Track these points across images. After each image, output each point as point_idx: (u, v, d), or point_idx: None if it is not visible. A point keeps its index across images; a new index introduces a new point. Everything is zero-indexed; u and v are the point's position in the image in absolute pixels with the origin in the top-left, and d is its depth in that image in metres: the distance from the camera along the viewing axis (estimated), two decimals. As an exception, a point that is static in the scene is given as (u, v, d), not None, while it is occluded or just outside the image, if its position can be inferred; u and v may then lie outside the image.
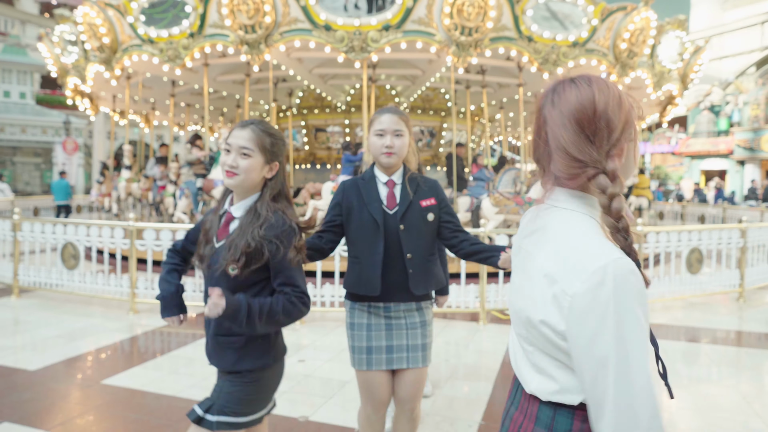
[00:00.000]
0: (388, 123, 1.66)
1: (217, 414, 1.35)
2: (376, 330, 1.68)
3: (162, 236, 4.44)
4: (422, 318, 1.71)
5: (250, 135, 1.35)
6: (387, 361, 1.66)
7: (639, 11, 6.47)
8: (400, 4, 5.56)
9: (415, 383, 1.68)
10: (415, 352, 1.67)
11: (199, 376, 3.05)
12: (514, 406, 0.89)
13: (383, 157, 1.67)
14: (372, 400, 1.68)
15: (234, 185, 1.36)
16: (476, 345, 3.73)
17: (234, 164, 1.34)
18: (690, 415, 2.59)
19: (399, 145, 1.66)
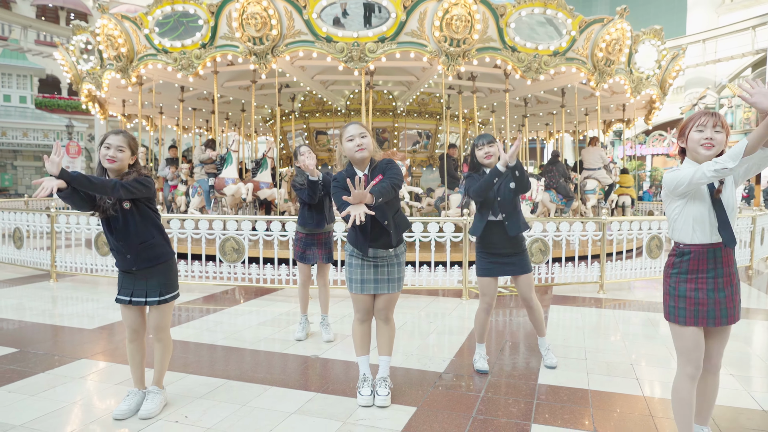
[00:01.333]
0: (354, 130, 2.38)
1: (166, 294, 2.30)
2: (366, 268, 2.47)
3: (186, 225, 5.04)
4: (398, 260, 2.52)
5: (122, 138, 2.21)
6: (374, 288, 2.47)
7: (615, 23, 7.07)
8: (395, 18, 6.16)
9: (389, 299, 2.51)
10: (392, 283, 2.49)
11: (228, 332, 3.70)
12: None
13: (357, 153, 2.37)
14: (360, 309, 2.51)
15: (113, 168, 2.19)
16: (458, 313, 4.37)
17: (114, 155, 2.17)
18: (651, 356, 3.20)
19: (366, 143, 2.37)
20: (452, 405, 2.47)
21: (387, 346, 2.55)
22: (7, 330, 3.73)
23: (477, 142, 2.80)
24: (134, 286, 2.28)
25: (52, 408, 2.38)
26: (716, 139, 1.74)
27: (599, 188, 9.24)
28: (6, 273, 6.10)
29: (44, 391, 2.57)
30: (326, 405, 2.45)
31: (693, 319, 1.81)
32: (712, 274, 1.81)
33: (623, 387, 2.72)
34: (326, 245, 3.54)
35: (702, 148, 1.75)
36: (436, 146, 10.25)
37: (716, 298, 1.80)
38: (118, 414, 2.28)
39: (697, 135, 1.76)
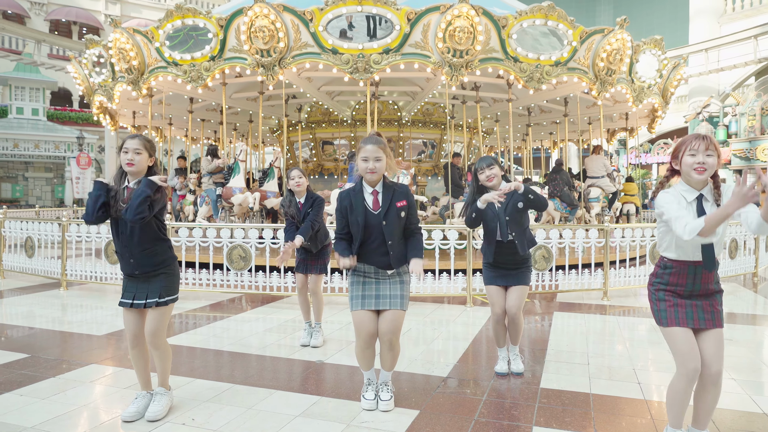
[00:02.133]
0: (371, 152, 2.41)
1: (166, 296, 2.35)
2: (368, 284, 2.45)
3: (194, 233, 5.13)
4: (401, 278, 2.49)
5: (139, 141, 2.28)
6: (375, 303, 2.43)
7: (615, 33, 7.15)
8: (399, 30, 6.30)
9: (393, 320, 2.42)
10: (395, 299, 2.44)
11: (234, 338, 3.76)
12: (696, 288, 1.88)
13: (368, 175, 2.44)
14: (362, 333, 2.42)
15: (132, 171, 2.28)
16: (463, 320, 4.40)
17: (132, 158, 2.25)
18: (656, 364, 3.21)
19: (379, 167, 2.42)
20: (455, 408, 2.50)
21: (389, 365, 2.50)
22: (19, 336, 3.81)
23: (478, 166, 2.85)
24: (137, 290, 2.34)
25: (62, 411, 2.44)
26: (708, 162, 1.83)
27: (603, 196, 9.24)
28: (18, 281, 6.22)
29: (55, 394, 2.64)
30: (330, 408, 2.49)
31: (674, 319, 1.89)
32: (690, 287, 1.92)
33: (625, 391, 2.73)
34: (320, 257, 3.60)
35: (695, 173, 1.84)
36: (441, 155, 10.34)
37: (693, 303, 1.91)
38: (126, 416, 2.33)
39: (690, 159, 1.84)
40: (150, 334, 2.34)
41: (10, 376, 2.89)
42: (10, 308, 4.85)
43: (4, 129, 19.94)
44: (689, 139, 1.88)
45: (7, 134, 19.92)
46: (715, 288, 1.94)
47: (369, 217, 2.40)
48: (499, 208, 2.82)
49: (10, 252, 6.53)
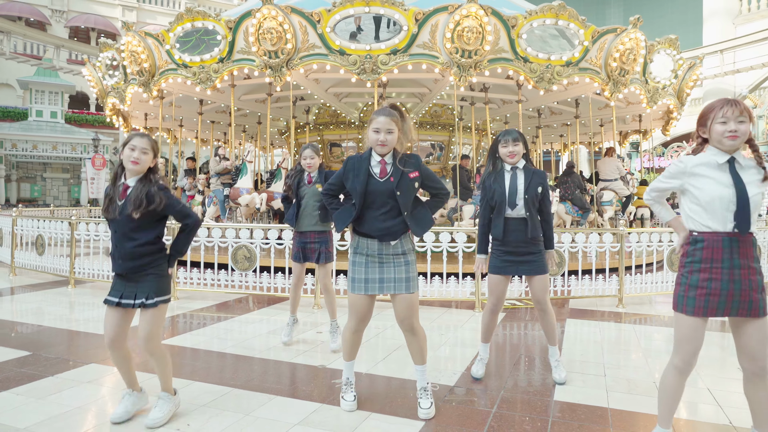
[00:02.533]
0: (383, 123, 2.29)
1: (155, 297, 2.25)
2: (371, 266, 2.33)
3: (199, 233, 5.10)
4: (406, 260, 2.37)
5: (147, 141, 2.26)
6: (380, 288, 2.32)
7: (628, 33, 6.98)
8: (407, 31, 6.23)
9: (406, 304, 2.32)
10: (400, 282, 2.32)
11: (237, 340, 3.70)
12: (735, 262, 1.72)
13: (378, 147, 2.33)
14: (355, 316, 2.35)
15: (136, 170, 2.22)
16: (471, 325, 4.27)
17: (138, 157, 2.21)
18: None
19: (390, 140, 2.31)
20: (462, 420, 2.38)
21: (420, 355, 2.39)
22: (23, 333, 3.80)
23: (501, 138, 2.71)
24: (125, 289, 2.24)
25: (57, 412, 2.39)
26: (740, 129, 1.74)
27: (616, 200, 9.02)
28: (28, 279, 6.27)
29: (51, 395, 2.59)
30: (330, 417, 2.40)
31: (702, 309, 1.76)
32: (728, 264, 1.74)
33: (646, 406, 2.58)
34: (323, 243, 3.41)
35: (727, 140, 1.75)
36: (449, 158, 10.22)
37: (731, 290, 1.74)
38: (115, 417, 2.26)
39: (721, 127, 1.75)
40: (144, 339, 2.22)
41: (9, 374, 2.86)
42: (18, 305, 4.87)
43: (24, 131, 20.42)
44: (718, 105, 1.77)
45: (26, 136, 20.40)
46: (755, 267, 1.75)
47: (372, 184, 2.28)
48: (513, 184, 2.68)
49: (22, 250, 6.59)
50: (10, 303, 4.98)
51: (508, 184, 2.69)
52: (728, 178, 1.74)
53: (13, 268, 6.51)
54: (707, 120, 1.79)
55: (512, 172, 2.72)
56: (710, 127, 1.77)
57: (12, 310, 4.64)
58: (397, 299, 2.34)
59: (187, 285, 5.21)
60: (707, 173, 1.77)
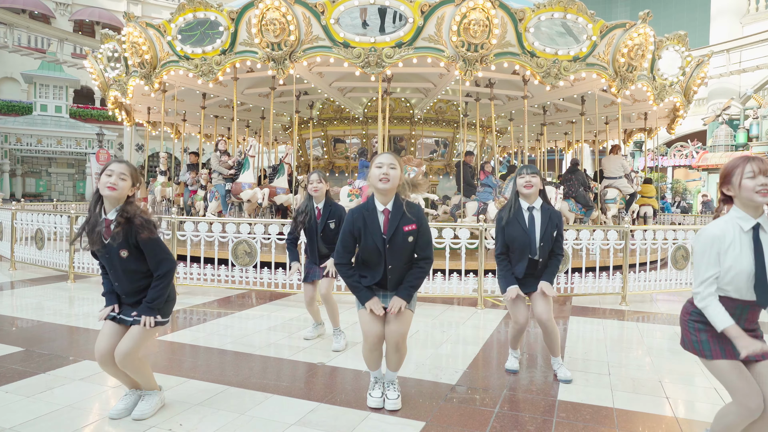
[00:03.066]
0: (386, 159, 2.28)
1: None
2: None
3: (200, 228, 5.05)
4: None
5: (126, 167, 2.14)
6: (382, 300, 2.33)
7: (638, 28, 6.85)
8: (412, 23, 6.13)
9: (401, 322, 2.30)
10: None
11: (236, 336, 3.64)
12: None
13: (380, 183, 2.26)
14: (369, 336, 2.31)
15: (112, 196, 2.09)
16: (473, 322, 4.20)
17: (115, 183, 2.08)
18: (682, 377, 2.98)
19: (393, 175, 2.26)
20: (464, 420, 2.32)
21: (396, 365, 2.43)
22: (18, 329, 3.76)
23: (521, 171, 2.79)
24: (122, 308, 2.23)
25: (46, 410, 2.33)
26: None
27: (620, 197, 8.91)
28: (28, 273, 6.24)
29: (41, 392, 2.53)
30: (329, 417, 2.34)
31: (720, 352, 1.72)
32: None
33: (652, 406, 2.51)
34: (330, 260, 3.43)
35: (758, 195, 1.70)
36: (453, 154, 10.13)
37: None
38: (114, 413, 2.22)
39: (751, 183, 1.71)
40: (120, 353, 2.11)
41: (0, 371, 2.81)
42: (16, 299, 4.83)
43: (29, 125, 20.42)
44: (740, 163, 1.74)
45: (31, 131, 20.40)
46: (754, 327, 1.75)
47: (383, 241, 2.27)
48: (531, 228, 2.73)
49: (22, 244, 6.57)
50: (9, 297, 4.95)
51: (527, 227, 2.73)
52: (750, 250, 1.69)
53: (12, 263, 6.49)
54: (731, 176, 1.75)
55: (529, 213, 2.74)
56: (739, 184, 1.72)
57: (10, 305, 4.60)
58: (394, 315, 2.32)
59: (187, 280, 5.16)
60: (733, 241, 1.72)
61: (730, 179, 1.76)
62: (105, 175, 2.11)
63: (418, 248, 2.32)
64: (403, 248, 2.27)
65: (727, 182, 1.78)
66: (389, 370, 2.44)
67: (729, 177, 1.77)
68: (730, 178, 1.76)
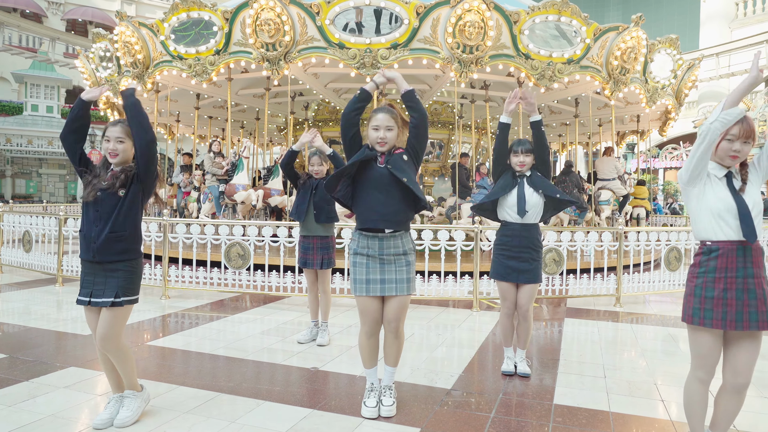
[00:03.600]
0: (382, 120, 2.28)
1: (123, 296, 2.13)
2: (372, 266, 2.28)
3: (192, 230, 4.98)
4: (407, 260, 2.32)
5: (121, 128, 2.16)
6: (381, 289, 2.27)
7: (630, 31, 6.91)
8: (408, 24, 6.12)
9: (399, 306, 2.30)
10: (401, 284, 2.28)
11: (229, 341, 3.58)
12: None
13: (377, 146, 2.30)
14: (367, 320, 2.30)
15: (116, 162, 2.17)
16: (469, 325, 4.18)
17: (114, 148, 2.14)
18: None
19: (390, 137, 2.29)
20: (459, 426, 2.29)
21: (394, 358, 2.41)
22: (3, 334, 3.67)
23: (516, 148, 2.82)
24: (94, 285, 2.13)
25: (27, 420, 2.25)
26: (743, 151, 1.81)
27: (614, 199, 8.96)
28: (15, 276, 6.12)
29: (24, 401, 2.45)
30: (321, 423, 2.29)
31: (720, 321, 1.74)
32: (742, 273, 1.74)
33: (648, 410, 2.50)
34: (324, 249, 3.48)
35: (729, 159, 1.82)
36: (449, 156, 10.12)
37: (746, 300, 1.73)
38: (97, 422, 2.16)
39: (727, 145, 1.81)
40: (101, 337, 2.10)
41: (-16, 378, 2.73)
42: (2, 304, 4.73)
43: (19, 126, 20.14)
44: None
45: (21, 131, 20.13)
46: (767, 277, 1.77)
47: (373, 169, 2.27)
48: (522, 189, 2.78)
49: (9, 247, 6.45)
50: (-4, 300, 4.85)
51: (516, 190, 2.81)
52: (727, 191, 1.81)
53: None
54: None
55: (520, 180, 2.83)
56: (719, 142, 1.82)
57: (-3, 307, 4.51)
58: (392, 300, 2.31)
59: (179, 283, 5.08)
60: (712, 184, 1.83)
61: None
62: (104, 141, 2.17)
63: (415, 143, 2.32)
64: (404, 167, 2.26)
65: None
66: (387, 365, 2.40)
67: None
68: None
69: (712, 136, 1.73)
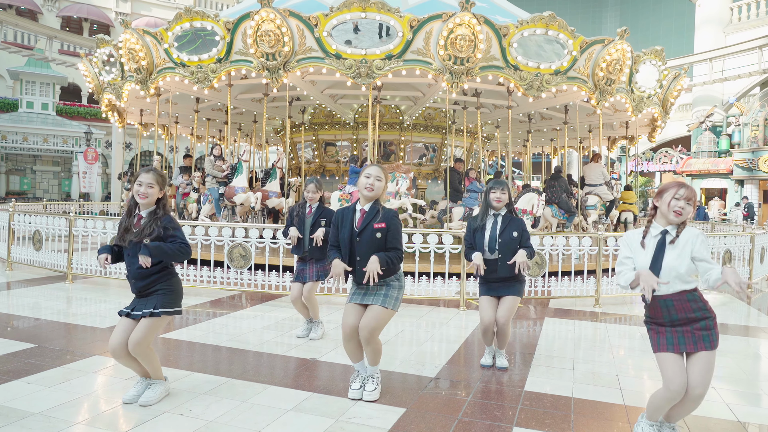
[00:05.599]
0: (374, 171, 2.68)
1: (160, 308, 2.49)
2: (357, 289, 2.70)
3: (196, 231, 5.27)
4: (388, 285, 2.68)
5: (152, 176, 2.50)
6: (361, 298, 2.66)
7: (615, 44, 7.24)
8: (401, 37, 6.43)
9: (372, 316, 2.61)
10: (378, 297, 2.63)
11: (232, 335, 3.89)
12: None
13: (365, 191, 2.67)
14: (344, 326, 2.64)
15: (144, 203, 2.51)
16: (455, 323, 4.52)
17: (145, 192, 2.48)
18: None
19: (377, 186, 2.66)
20: (440, 407, 2.61)
21: (371, 359, 2.70)
22: (25, 327, 3.96)
23: (492, 186, 3.18)
24: (137, 303, 2.52)
25: (67, 399, 2.57)
26: (686, 210, 2.10)
27: (600, 204, 9.34)
28: (25, 273, 6.38)
29: (60, 383, 2.77)
30: (320, 404, 2.62)
31: (664, 345, 2.10)
32: (667, 318, 2.11)
33: (606, 396, 2.84)
34: (319, 264, 3.76)
35: (673, 214, 2.10)
36: (442, 159, 10.44)
37: (674, 330, 2.10)
38: (127, 398, 2.51)
39: (673, 202, 2.11)
40: (133, 342, 2.41)
41: (18, 365, 3.03)
42: (17, 299, 5.00)
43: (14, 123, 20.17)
44: (674, 186, 2.14)
45: (16, 128, 20.16)
46: (697, 315, 2.08)
47: (353, 234, 2.62)
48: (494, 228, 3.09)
49: (19, 244, 6.70)
50: (10, 298, 5.11)
51: (488, 231, 3.12)
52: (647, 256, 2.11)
53: (9, 263, 6.61)
54: (664, 193, 2.14)
55: (494, 219, 3.16)
56: (667, 201, 2.11)
57: (13, 305, 4.78)
58: (368, 309, 2.62)
59: (183, 282, 5.35)
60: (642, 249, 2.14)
61: (662, 195, 2.15)
62: (136, 185, 2.50)
63: (388, 243, 2.63)
64: (371, 242, 2.58)
65: (659, 196, 2.19)
66: (368, 364, 2.73)
67: (662, 193, 2.16)
68: (663, 194, 2.15)
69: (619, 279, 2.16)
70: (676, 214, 2.09)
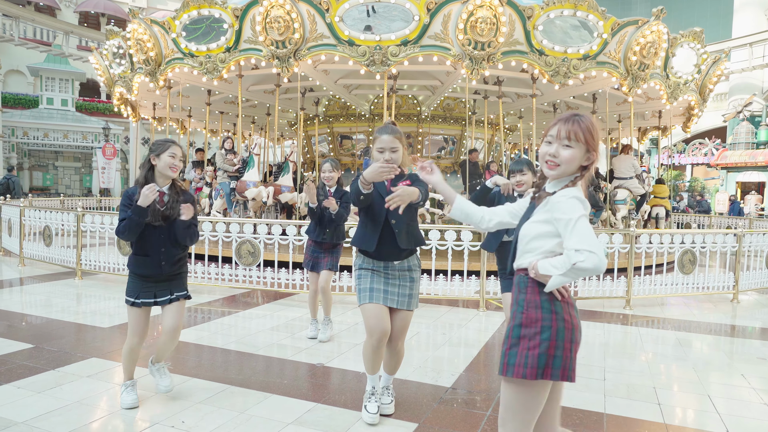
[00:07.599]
0: (387, 142, 2.24)
1: (186, 291, 2.50)
2: (376, 277, 2.28)
3: (204, 227, 5.09)
4: (411, 276, 2.32)
5: (180, 149, 2.41)
6: (384, 299, 2.25)
7: (650, 25, 6.69)
8: (418, 21, 6.07)
9: (401, 323, 2.29)
10: (403, 298, 2.28)
11: (240, 336, 3.69)
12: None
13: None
14: (375, 332, 2.22)
15: (173, 176, 2.38)
16: (474, 325, 4.20)
17: (179, 165, 2.37)
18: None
19: (395, 158, 2.25)
20: (456, 423, 2.33)
21: (393, 368, 2.43)
22: (27, 325, 3.83)
23: (511, 169, 2.85)
24: (156, 289, 2.39)
25: (55, 406, 2.39)
26: (562, 156, 1.35)
27: (630, 198, 8.80)
28: (35, 269, 6.34)
29: (51, 388, 2.60)
30: (324, 417, 2.36)
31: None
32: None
33: (643, 412, 2.50)
34: (333, 253, 3.56)
35: (545, 166, 1.39)
36: (461, 152, 10.06)
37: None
38: (127, 404, 2.41)
39: (545, 148, 1.39)
40: (174, 329, 2.40)
41: (11, 367, 2.87)
42: (25, 296, 4.93)
43: (35, 119, 20.59)
44: (554, 121, 1.41)
45: (37, 124, 20.57)
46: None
47: (382, 202, 2.23)
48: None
49: (30, 240, 6.67)
50: (18, 294, 5.04)
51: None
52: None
53: (21, 259, 6.59)
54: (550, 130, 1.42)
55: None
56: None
57: (20, 302, 4.69)
58: (397, 315, 2.29)
59: (190, 278, 5.17)
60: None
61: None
62: (168, 156, 2.32)
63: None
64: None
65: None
66: (386, 373, 2.44)
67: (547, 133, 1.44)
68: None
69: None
70: (549, 166, 1.39)
